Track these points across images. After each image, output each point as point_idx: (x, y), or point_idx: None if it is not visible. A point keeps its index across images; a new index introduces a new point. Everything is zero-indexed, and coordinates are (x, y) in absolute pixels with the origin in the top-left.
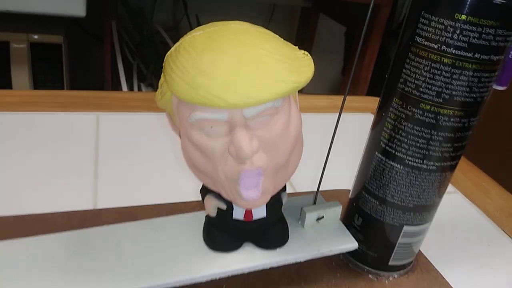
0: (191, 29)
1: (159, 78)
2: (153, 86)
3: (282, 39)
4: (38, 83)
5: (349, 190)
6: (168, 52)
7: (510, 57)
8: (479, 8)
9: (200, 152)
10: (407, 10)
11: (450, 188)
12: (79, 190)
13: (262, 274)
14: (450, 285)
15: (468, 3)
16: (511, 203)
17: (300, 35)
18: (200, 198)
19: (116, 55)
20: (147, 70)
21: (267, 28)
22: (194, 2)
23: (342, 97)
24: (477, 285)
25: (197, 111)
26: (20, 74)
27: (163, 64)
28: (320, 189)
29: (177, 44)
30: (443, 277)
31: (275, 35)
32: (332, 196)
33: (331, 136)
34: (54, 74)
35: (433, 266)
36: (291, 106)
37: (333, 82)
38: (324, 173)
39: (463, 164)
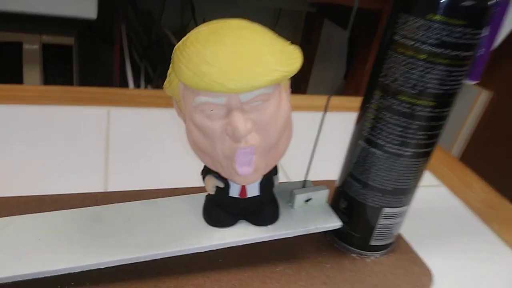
0: None
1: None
2: (160, 88)
3: (276, 35)
4: (48, 83)
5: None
6: (176, 45)
7: (479, 53)
8: (449, 9)
9: (202, 133)
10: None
11: (435, 181)
12: (91, 176)
13: (254, 250)
14: (427, 266)
15: (439, 4)
16: (492, 196)
17: (305, 39)
18: (201, 182)
19: (125, 57)
20: (154, 73)
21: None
22: (202, 6)
23: (342, 97)
24: (452, 267)
25: (200, 95)
26: (32, 74)
27: (172, 56)
28: (311, 179)
29: (184, 38)
30: (421, 259)
31: (269, 31)
32: (321, 184)
33: (317, 133)
34: (64, 74)
35: (413, 249)
36: (281, 94)
37: (336, 85)
38: (318, 166)
39: (450, 160)
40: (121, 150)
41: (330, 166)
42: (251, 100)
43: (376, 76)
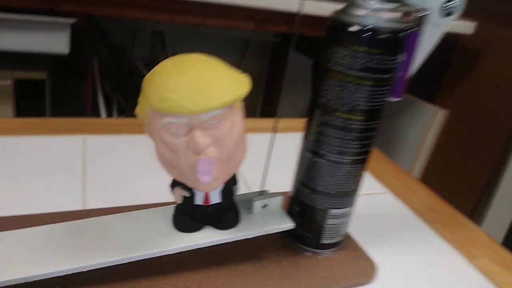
0: None
1: None
2: (132, 117)
3: (228, 66)
4: (21, 116)
5: None
6: (145, 77)
7: (399, 75)
8: (369, 41)
9: (169, 149)
10: None
11: (383, 189)
12: (71, 197)
13: (219, 252)
14: (372, 260)
15: (362, 38)
16: (434, 201)
17: (272, 68)
18: (170, 196)
19: (97, 89)
20: (126, 103)
21: (241, 62)
22: (171, 39)
23: (299, 119)
24: (395, 260)
25: (166, 117)
26: (4, 109)
27: (142, 85)
28: (271, 191)
29: (152, 70)
30: (368, 254)
31: (223, 63)
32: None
33: (269, 148)
34: (37, 108)
35: (360, 247)
36: (235, 114)
37: (303, 110)
38: (275, 180)
39: (396, 170)
40: (98, 172)
41: (285, 180)
42: (209, 120)
43: (316, 97)
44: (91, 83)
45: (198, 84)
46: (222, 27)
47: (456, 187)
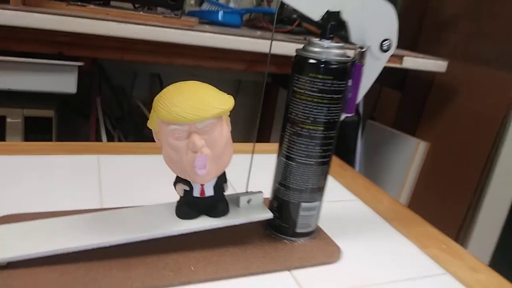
0: None
1: None
2: None
3: (216, 89)
4: None
5: None
6: (156, 96)
7: (349, 96)
8: (323, 70)
9: (173, 150)
10: None
11: (353, 197)
12: (91, 201)
13: (212, 238)
14: (338, 246)
15: (318, 68)
16: (397, 207)
17: (264, 106)
18: (173, 191)
19: (100, 127)
20: (126, 140)
21: (235, 101)
22: (168, 80)
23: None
24: (358, 247)
25: (171, 125)
26: None
27: (153, 103)
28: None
29: (160, 92)
30: (335, 242)
31: (213, 87)
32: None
33: (250, 164)
34: None
35: (329, 237)
36: (223, 123)
37: None
38: (260, 188)
39: (366, 184)
40: (111, 182)
41: (263, 188)
42: (203, 127)
43: (286, 114)
44: (94, 121)
45: (195, 101)
46: (215, 69)
47: (440, 213)
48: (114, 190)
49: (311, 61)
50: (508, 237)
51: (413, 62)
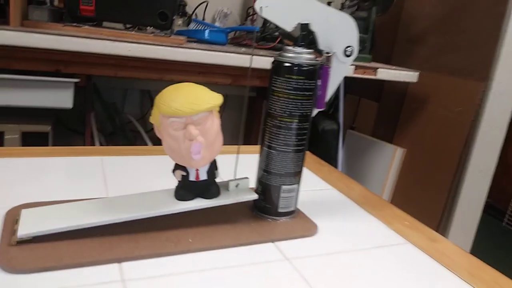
0: None
1: None
2: None
3: (208, 89)
4: None
5: None
6: (157, 95)
7: (319, 94)
8: (297, 71)
9: (172, 139)
10: (338, 98)
11: (329, 187)
12: (98, 192)
13: (206, 217)
14: (315, 223)
15: (292, 70)
16: (368, 194)
17: (250, 118)
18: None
19: (95, 142)
20: None
21: (222, 115)
22: None
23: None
24: (333, 225)
25: (170, 118)
26: None
27: (155, 101)
28: None
29: (160, 92)
30: (312, 220)
31: (205, 87)
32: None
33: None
34: None
35: (308, 217)
36: (213, 116)
37: None
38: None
39: (341, 176)
40: (115, 176)
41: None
42: (197, 119)
43: (267, 109)
44: (89, 136)
45: (190, 97)
46: (203, 83)
47: (418, 214)
48: (119, 186)
49: (286, 64)
50: (483, 232)
51: (387, 73)
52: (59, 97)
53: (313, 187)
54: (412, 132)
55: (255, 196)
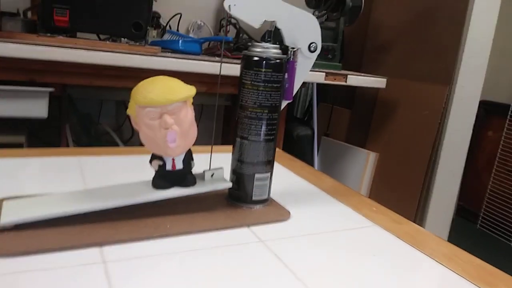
0: (133, 130)
1: None
2: None
3: (181, 81)
4: None
5: None
6: (133, 88)
7: (286, 86)
8: (265, 65)
9: (149, 128)
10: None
11: (300, 179)
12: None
13: (184, 205)
14: (288, 210)
15: (261, 63)
16: (337, 185)
17: (227, 128)
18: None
19: None
20: None
21: (198, 124)
22: None
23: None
24: (305, 212)
25: (146, 108)
26: None
27: (131, 93)
28: None
29: (137, 85)
30: (285, 208)
31: (179, 80)
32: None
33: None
34: None
35: (281, 205)
36: (187, 106)
37: None
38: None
39: (312, 170)
40: (92, 172)
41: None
42: (172, 109)
43: (239, 102)
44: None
45: (165, 88)
46: None
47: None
48: (97, 182)
49: (255, 58)
50: (458, 235)
51: (356, 80)
52: (34, 106)
53: (286, 181)
54: (384, 136)
55: (229, 184)
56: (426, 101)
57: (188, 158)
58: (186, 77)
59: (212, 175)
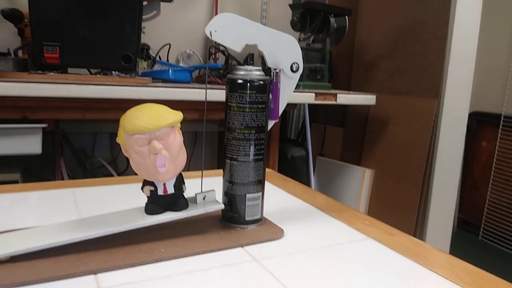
0: (128, 162)
1: None
2: None
3: (168, 107)
4: None
5: None
6: (121, 116)
7: (271, 107)
8: (248, 87)
9: (138, 155)
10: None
11: (294, 198)
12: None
13: (177, 228)
14: (282, 228)
15: (246, 86)
16: (330, 201)
17: (221, 152)
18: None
19: None
20: None
21: (192, 151)
22: None
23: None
24: (298, 229)
25: (135, 134)
26: None
27: (120, 121)
28: None
29: (124, 113)
30: (279, 226)
31: (165, 106)
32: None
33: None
34: None
35: (275, 224)
36: (175, 131)
37: None
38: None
39: (303, 188)
40: (86, 204)
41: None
42: (160, 134)
43: (226, 124)
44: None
45: (152, 114)
46: None
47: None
48: (91, 212)
49: (239, 81)
50: (460, 247)
51: (346, 98)
52: (28, 143)
53: (279, 200)
54: (378, 153)
55: (221, 206)
56: (416, 115)
57: (179, 182)
58: (177, 105)
59: (204, 198)
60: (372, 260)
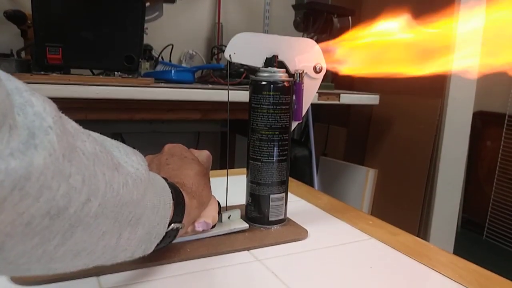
0: None
1: None
2: None
3: None
4: None
5: None
6: None
7: (295, 108)
8: (273, 88)
9: None
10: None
11: (297, 198)
12: None
13: (209, 243)
14: (305, 228)
15: (269, 87)
16: (333, 202)
17: (223, 153)
18: None
19: None
20: None
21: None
22: (130, 138)
23: None
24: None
25: None
26: None
27: None
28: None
29: None
30: (304, 227)
31: None
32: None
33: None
34: None
35: (298, 224)
36: None
37: None
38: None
39: (307, 189)
40: None
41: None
42: None
43: (250, 125)
44: None
45: None
46: (173, 121)
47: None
48: None
49: (263, 82)
50: (465, 246)
51: (349, 98)
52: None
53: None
54: (381, 152)
55: (246, 226)
56: (420, 115)
57: None
58: (179, 105)
59: (229, 217)
60: (376, 260)
